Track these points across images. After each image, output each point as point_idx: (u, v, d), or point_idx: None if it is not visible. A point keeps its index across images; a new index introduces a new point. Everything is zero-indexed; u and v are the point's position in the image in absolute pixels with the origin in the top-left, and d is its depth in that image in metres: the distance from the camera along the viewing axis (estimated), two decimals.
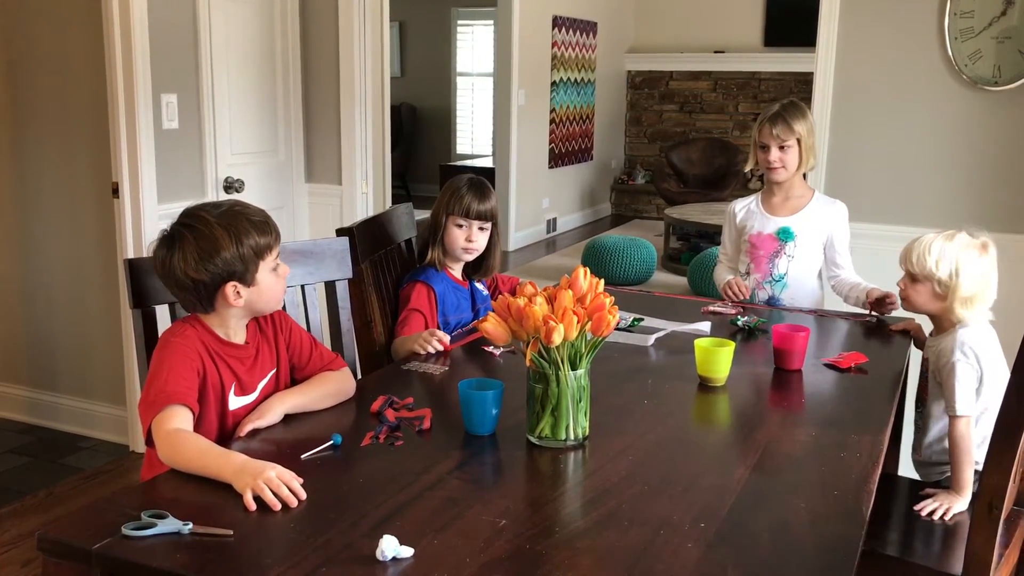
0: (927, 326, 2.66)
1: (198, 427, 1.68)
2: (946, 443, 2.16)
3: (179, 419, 1.62)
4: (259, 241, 1.73)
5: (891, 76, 3.16)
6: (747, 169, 2.97)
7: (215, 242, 1.69)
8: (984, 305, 2.19)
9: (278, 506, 1.42)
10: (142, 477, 1.78)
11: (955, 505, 2.08)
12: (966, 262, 2.14)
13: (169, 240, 1.72)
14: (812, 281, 2.87)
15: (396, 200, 4.07)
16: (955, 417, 2.10)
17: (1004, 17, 2.99)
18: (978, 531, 1.67)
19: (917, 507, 2.10)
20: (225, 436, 1.74)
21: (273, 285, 1.78)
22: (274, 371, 1.87)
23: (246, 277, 1.73)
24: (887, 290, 2.62)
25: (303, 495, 1.46)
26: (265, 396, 1.82)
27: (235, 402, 1.78)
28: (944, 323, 2.24)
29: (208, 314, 1.76)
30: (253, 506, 1.42)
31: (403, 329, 2.40)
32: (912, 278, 2.23)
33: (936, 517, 2.06)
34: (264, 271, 1.76)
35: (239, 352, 1.80)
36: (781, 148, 2.76)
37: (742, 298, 2.77)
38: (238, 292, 1.73)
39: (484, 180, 2.53)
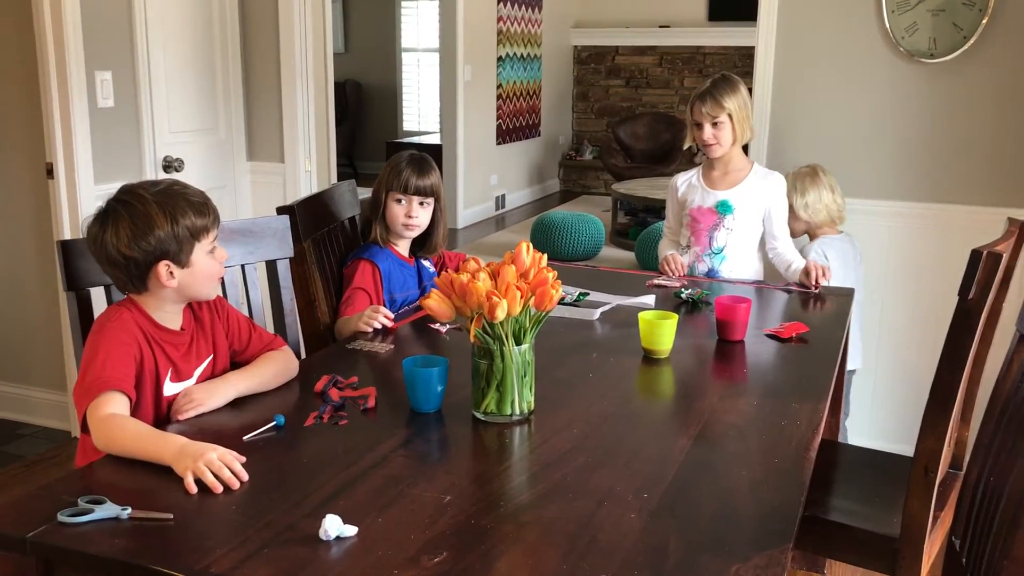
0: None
1: (134, 413, 1.64)
2: None
3: (115, 405, 1.59)
4: (196, 222, 1.70)
5: (831, 49, 3.20)
6: (686, 146, 2.99)
7: (149, 220, 1.65)
8: (834, 216, 3.03)
9: (219, 488, 1.40)
10: (76, 465, 1.74)
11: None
12: (807, 187, 3.00)
13: (103, 216, 1.68)
14: (752, 254, 2.90)
15: (342, 178, 4.03)
16: None
17: None
18: (914, 494, 1.71)
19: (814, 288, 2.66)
20: (161, 423, 1.70)
21: (208, 268, 1.75)
22: (211, 357, 1.84)
23: (180, 257, 1.69)
24: (808, 261, 2.69)
25: (245, 476, 1.44)
26: (203, 382, 1.79)
27: (171, 388, 1.75)
28: (813, 237, 3.02)
29: (142, 295, 1.73)
30: (194, 489, 1.40)
31: (347, 308, 2.37)
32: (791, 212, 2.96)
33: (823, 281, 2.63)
34: (200, 253, 1.72)
35: (174, 338, 1.77)
36: (714, 125, 2.78)
37: (679, 273, 2.79)
38: (171, 272, 1.69)
39: (426, 155, 2.51)
